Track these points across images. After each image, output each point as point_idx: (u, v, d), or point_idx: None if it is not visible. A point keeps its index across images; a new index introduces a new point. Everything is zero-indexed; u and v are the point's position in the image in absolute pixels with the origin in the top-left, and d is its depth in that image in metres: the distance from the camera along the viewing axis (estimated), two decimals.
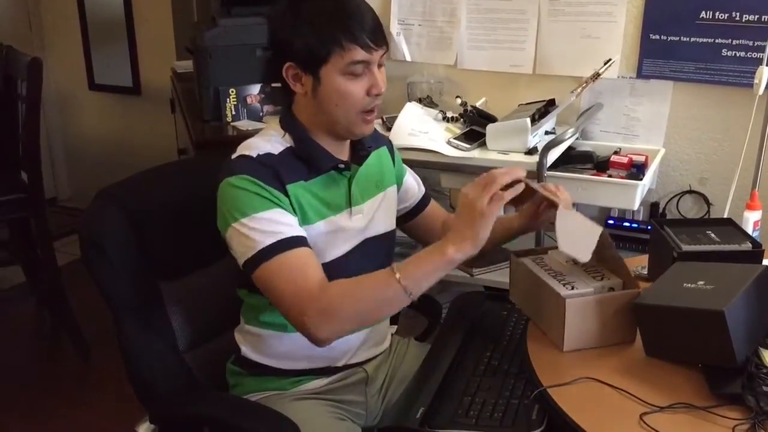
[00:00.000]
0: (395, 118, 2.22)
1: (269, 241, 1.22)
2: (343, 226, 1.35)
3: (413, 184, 1.56)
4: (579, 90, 2.11)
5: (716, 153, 2.26)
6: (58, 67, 4.15)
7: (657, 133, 2.30)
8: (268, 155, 1.29)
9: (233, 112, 2.26)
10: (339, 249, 1.35)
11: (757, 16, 2.08)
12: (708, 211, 2.28)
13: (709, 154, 2.26)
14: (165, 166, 1.69)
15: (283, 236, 1.23)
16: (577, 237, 1.25)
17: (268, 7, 2.25)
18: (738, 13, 2.11)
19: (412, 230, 1.59)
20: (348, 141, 1.38)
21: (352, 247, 1.37)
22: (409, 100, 2.41)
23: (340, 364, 1.41)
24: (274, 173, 1.27)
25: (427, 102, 2.43)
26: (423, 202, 1.56)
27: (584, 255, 1.23)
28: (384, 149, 1.49)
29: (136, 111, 4.06)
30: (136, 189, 1.46)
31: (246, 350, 1.41)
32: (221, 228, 1.30)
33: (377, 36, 1.26)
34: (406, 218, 1.56)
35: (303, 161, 1.32)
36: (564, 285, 1.27)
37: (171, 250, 1.45)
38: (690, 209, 2.32)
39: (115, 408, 2.40)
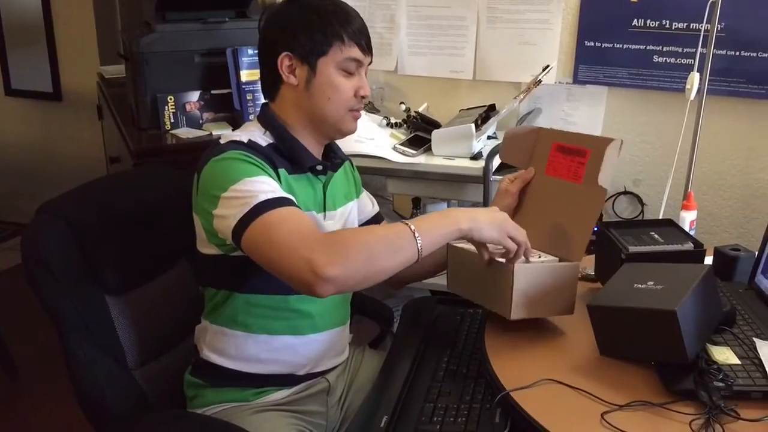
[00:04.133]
0: None
1: (268, 196, 1.19)
2: (319, 225, 1.36)
3: (368, 202, 1.59)
4: (522, 96, 2.15)
5: (649, 155, 2.34)
6: None
7: None
8: (257, 144, 1.31)
9: (172, 120, 2.19)
10: None
11: (686, 24, 2.16)
12: (642, 211, 2.36)
13: (642, 156, 2.34)
14: (106, 178, 1.64)
15: (282, 195, 1.22)
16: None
17: (204, 13, 2.25)
18: (668, 21, 2.18)
19: None
20: (322, 147, 1.41)
21: None
22: None
23: (302, 372, 1.40)
24: (265, 157, 1.28)
25: (369, 108, 2.43)
26: (375, 220, 1.59)
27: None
28: (348, 164, 1.53)
29: (57, 117, 3.91)
30: (78, 203, 1.41)
31: (207, 353, 1.38)
32: (204, 210, 1.25)
33: (369, 43, 1.37)
34: None
35: (285, 158, 1.33)
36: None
37: (117, 264, 1.40)
38: (625, 209, 2.40)
39: (50, 430, 2.30)
